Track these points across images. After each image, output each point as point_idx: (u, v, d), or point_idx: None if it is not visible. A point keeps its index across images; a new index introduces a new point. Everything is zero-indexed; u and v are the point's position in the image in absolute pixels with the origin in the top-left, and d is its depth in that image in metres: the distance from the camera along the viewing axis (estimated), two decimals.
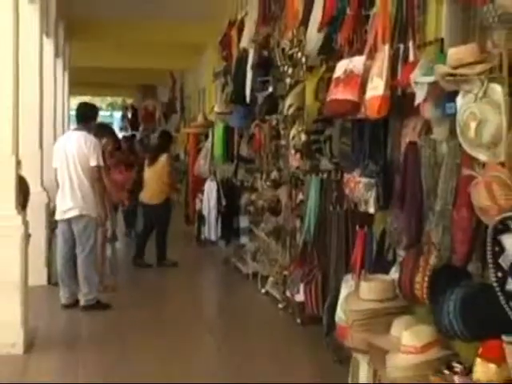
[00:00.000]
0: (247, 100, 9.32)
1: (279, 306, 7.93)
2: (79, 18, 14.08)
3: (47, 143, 9.94)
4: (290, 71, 7.33)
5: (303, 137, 6.98)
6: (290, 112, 7.41)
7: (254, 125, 9.31)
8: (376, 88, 4.69)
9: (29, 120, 8.69)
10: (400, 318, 4.52)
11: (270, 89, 8.52)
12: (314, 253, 6.85)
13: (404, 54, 4.72)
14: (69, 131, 9.68)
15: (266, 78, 8.60)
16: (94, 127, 8.63)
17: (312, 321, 6.91)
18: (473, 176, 3.72)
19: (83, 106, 8.85)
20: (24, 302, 6.36)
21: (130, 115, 27.29)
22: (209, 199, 11.37)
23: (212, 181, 11.54)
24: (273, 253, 8.54)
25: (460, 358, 3.99)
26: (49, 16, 11.24)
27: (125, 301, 8.39)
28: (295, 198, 7.59)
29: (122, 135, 21.14)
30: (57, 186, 8.22)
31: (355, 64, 5.06)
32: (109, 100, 37.84)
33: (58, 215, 8.13)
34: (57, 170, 8.10)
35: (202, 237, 12.11)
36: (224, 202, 10.97)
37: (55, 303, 8.06)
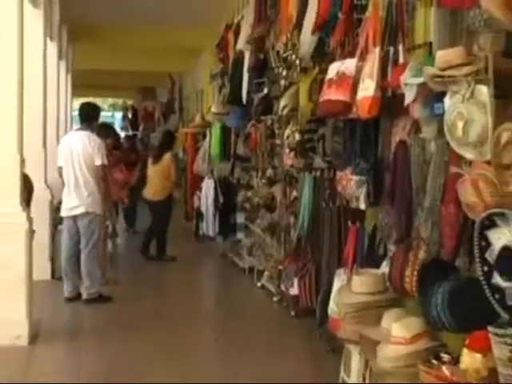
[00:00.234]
0: (243, 101, 9.32)
1: (274, 299, 7.92)
2: (81, 23, 14.08)
3: (51, 142, 9.94)
4: (285, 73, 7.34)
5: (297, 136, 6.98)
6: (285, 112, 7.41)
7: (250, 125, 9.31)
8: (367, 89, 4.69)
9: (33, 120, 8.66)
10: (390, 311, 4.52)
11: (266, 90, 8.52)
12: (308, 248, 6.86)
13: (394, 57, 4.72)
14: (72, 131, 9.66)
15: (262, 80, 8.60)
16: (97, 127, 8.62)
17: (306, 313, 6.91)
18: (460, 174, 3.72)
19: (86, 106, 8.77)
20: (29, 296, 6.36)
21: (131, 115, 27.28)
22: (207, 196, 11.38)
23: (210, 179, 11.54)
24: (268, 248, 8.54)
25: (448, 349, 4.00)
26: (52, 20, 11.24)
27: (126, 294, 8.38)
28: (289, 195, 7.59)
29: (125, 134, 21.16)
30: (62, 184, 8.22)
31: (347, 66, 5.05)
32: (110, 101, 37.78)
33: (64, 212, 8.12)
34: (62, 169, 8.09)
35: (201, 232, 12.12)
36: (221, 200, 10.98)
37: (59, 297, 8.05)
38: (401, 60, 4.66)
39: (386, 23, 4.85)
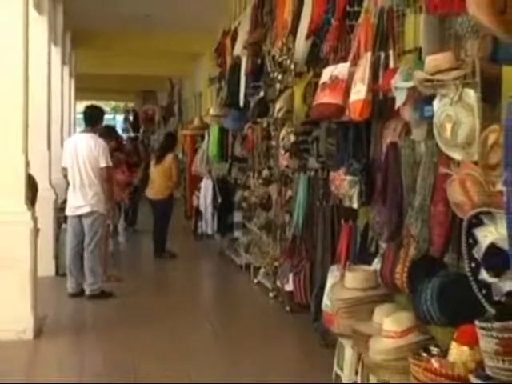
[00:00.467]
0: (241, 104, 9.33)
1: (270, 295, 7.92)
2: (84, 29, 14.09)
3: (55, 144, 9.94)
4: (280, 77, 7.34)
5: (292, 138, 6.98)
6: (280, 115, 7.41)
7: (247, 127, 9.32)
8: (359, 92, 4.70)
9: (38, 122, 8.68)
10: (382, 306, 4.53)
11: (262, 93, 8.53)
12: (303, 245, 6.85)
13: (385, 62, 4.72)
14: (77, 133, 9.65)
15: (258, 84, 8.61)
16: (100, 129, 8.60)
17: (300, 308, 6.90)
18: (449, 174, 3.73)
19: (91, 109, 8.65)
20: (34, 292, 6.35)
21: (132, 118, 27.26)
22: (205, 196, 11.40)
23: (208, 179, 11.56)
24: (264, 245, 8.54)
25: (437, 342, 4.00)
26: (56, 26, 11.24)
27: (127, 290, 8.37)
28: (285, 195, 7.59)
29: (127, 136, 21.14)
30: (67, 184, 8.20)
31: (340, 70, 5.06)
32: (112, 104, 37.73)
33: (69, 211, 8.11)
34: (67, 170, 8.08)
35: (199, 231, 12.15)
36: (219, 199, 10.98)
37: (62, 292, 8.04)
38: (391, 64, 4.66)
39: (378, 29, 4.86)
